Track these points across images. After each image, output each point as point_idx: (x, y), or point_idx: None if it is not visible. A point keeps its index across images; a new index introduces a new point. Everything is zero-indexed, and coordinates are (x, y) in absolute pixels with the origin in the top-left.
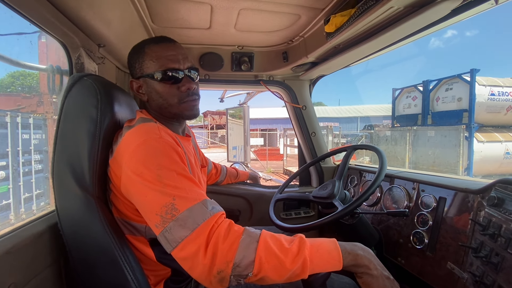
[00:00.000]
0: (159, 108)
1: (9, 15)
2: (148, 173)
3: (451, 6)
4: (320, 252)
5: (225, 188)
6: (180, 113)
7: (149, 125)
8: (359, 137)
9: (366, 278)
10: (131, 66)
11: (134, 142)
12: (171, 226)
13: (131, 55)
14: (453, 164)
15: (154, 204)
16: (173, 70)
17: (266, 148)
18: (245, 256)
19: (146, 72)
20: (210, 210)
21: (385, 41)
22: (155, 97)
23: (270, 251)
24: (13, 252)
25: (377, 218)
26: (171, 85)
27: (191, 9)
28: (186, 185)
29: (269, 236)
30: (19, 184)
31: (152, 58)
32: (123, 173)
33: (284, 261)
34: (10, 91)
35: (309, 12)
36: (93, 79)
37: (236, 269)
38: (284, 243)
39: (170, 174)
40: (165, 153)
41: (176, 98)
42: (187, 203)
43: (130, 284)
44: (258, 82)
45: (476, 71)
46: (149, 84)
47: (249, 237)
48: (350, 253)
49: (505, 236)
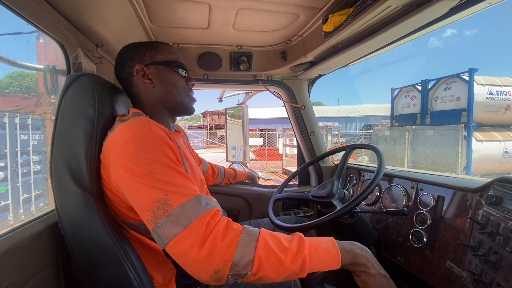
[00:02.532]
0: (166, 94)
1: (6, 15)
2: (137, 169)
3: (448, 5)
4: (319, 251)
5: (224, 188)
6: (184, 104)
7: (139, 119)
8: (358, 137)
9: (364, 277)
10: (138, 56)
11: (123, 137)
12: (163, 222)
13: (138, 48)
14: (452, 163)
15: (145, 200)
16: (183, 66)
17: (265, 148)
18: (244, 255)
19: (161, 60)
20: (204, 206)
21: (383, 40)
22: (166, 83)
23: (270, 250)
24: (10, 252)
25: (376, 217)
26: (181, 77)
27: (189, 8)
28: (179, 180)
29: (268, 234)
30: (17, 185)
31: (167, 51)
32: (111, 168)
33: (283, 260)
34: (8, 91)
35: (307, 11)
36: (90, 79)
37: (234, 268)
38: (284, 242)
39: (162, 169)
40: (155, 147)
41: (184, 89)
42: (180, 199)
43: (133, 282)
44: (257, 81)
45: (475, 70)
46: (161, 71)
47: (248, 235)
48: (349, 252)
49: (503, 235)
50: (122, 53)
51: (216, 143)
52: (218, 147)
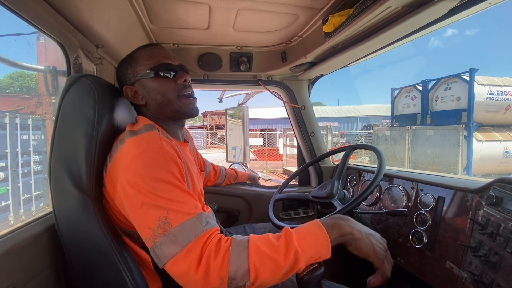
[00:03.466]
0: (159, 107)
1: (7, 16)
2: (143, 185)
3: (448, 6)
4: (307, 238)
5: (225, 188)
6: (180, 110)
7: (152, 134)
8: (358, 137)
9: (354, 244)
10: (124, 76)
11: (133, 151)
12: (162, 241)
13: (122, 67)
14: (452, 164)
15: (147, 218)
16: (167, 65)
17: (265, 148)
18: (238, 267)
19: (140, 73)
20: (204, 226)
21: (383, 40)
22: (154, 95)
23: (262, 254)
24: (11, 253)
25: (376, 218)
26: (167, 80)
27: (189, 9)
28: (182, 198)
29: (258, 239)
30: (18, 185)
31: (145, 59)
32: (118, 182)
33: (277, 259)
34: (9, 92)
35: (307, 12)
36: (90, 80)
37: (232, 282)
38: (273, 240)
39: (166, 187)
40: (163, 165)
41: (175, 92)
42: (181, 217)
43: (128, 285)
44: (257, 82)
45: (475, 70)
46: (146, 85)
47: (238, 246)
48: (333, 226)
49: (503, 235)
50: (116, 75)
51: (216, 143)
52: (218, 147)
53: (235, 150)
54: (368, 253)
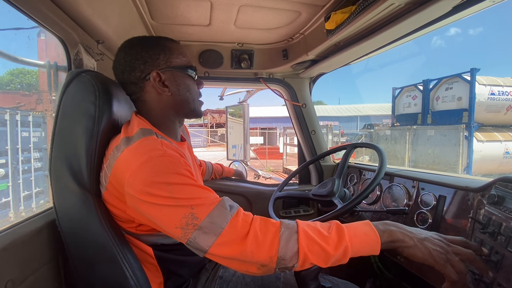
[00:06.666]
0: (180, 102)
1: (7, 10)
2: (158, 193)
3: (452, 3)
4: (358, 236)
5: (224, 186)
6: (196, 110)
7: (151, 139)
8: (358, 136)
9: (407, 251)
10: (150, 58)
11: (137, 161)
12: (195, 235)
13: (148, 49)
14: (453, 163)
15: (171, 219)
16: (195, 69)
17: (265, 146)
18: (288, 249)
19: (177, 65)
20: (230, 211)
21: (385, 38)
22: (183, 91)
23: (312, 240)
24: (10, 248)
25: (376, 216)
26: (194, 82)
27: (190, 5)
28: (199, 193)
29: (306, 225)
30: (18, 182)
31: (181, 53)
32: (127, 195)
33: (326, 248)
34: (9, 88)
35: (310, 9)
36: (91, 75)
37: (281, 262)
38: (322, 230)
39: (181, 188)
40: (171, 168)
41: (197, 95)
42: (206, 209)
43: (129, 281)
44: (258, 79)
45: (476, 70)
46: (177, 77)
47: (288, 229)
48: (385, 231)
49: (505, 234)
50: (129, 54)
51: (217, 142)
52: (218, 146)
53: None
54: (425, 260)
